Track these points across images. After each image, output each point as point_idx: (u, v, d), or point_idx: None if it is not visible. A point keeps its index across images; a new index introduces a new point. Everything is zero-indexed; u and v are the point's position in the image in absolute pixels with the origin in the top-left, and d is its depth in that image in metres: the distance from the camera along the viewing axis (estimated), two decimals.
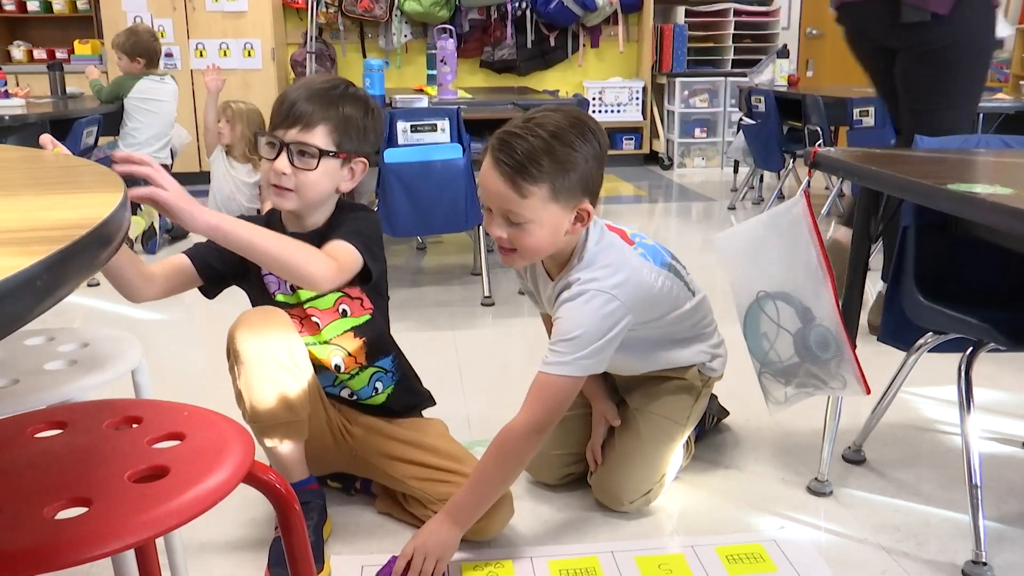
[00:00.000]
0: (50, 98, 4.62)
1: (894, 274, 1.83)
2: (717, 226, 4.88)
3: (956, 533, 1.70)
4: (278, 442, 1.57)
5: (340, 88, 1.59)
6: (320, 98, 1.54)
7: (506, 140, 1.47)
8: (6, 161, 1.23)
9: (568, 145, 1.46)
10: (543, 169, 1.45)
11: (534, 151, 1.44)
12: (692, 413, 1.85)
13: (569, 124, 1.48)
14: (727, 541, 1.69)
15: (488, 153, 1.50)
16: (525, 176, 1.45)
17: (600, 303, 1.54)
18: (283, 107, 1.54)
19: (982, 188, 1.38)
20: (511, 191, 1.47)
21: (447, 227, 3.34)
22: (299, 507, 0.96)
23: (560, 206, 1.50)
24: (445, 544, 1.53)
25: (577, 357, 1.52)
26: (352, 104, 1.58)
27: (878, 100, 4.05)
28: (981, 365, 1.65)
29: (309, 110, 1.53)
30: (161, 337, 3.01)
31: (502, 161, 1.46)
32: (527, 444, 1.55)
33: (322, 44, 6.27)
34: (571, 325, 1.54)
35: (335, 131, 1.55)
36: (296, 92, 1.55)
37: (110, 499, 0.79)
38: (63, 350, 1.36)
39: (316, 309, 1.65)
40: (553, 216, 1.50)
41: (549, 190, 1.47)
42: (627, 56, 6.86)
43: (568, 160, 1.46)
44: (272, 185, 1.55)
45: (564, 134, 1.47)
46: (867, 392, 1.67)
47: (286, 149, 1.53)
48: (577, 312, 1.55)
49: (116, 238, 0.73)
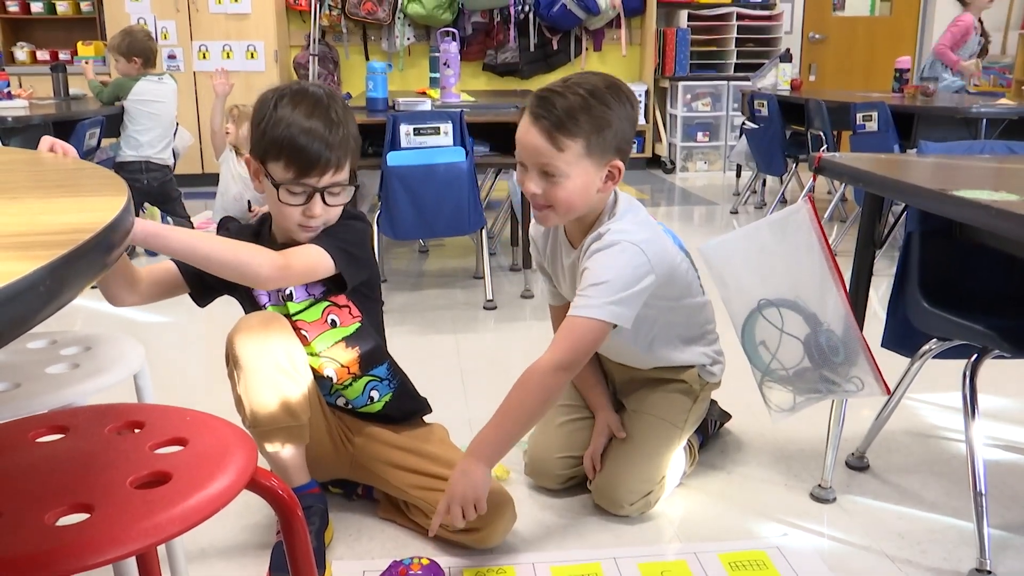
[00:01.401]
0: (53, 99, 4.62)
1: (898, 280, 1.82)
2: (719, 230, 4.87)
3: (960, 541, 1.69)
4: (279, 447, 1.57)
5: (339, 114, 1.53)
6: (341, 141, 1.51)
7: (546, 97, 1.54)
8: (9, 163, 1.22)
9: (604, 104, 1.54)
10: (580, 124, 1.52)
11: (572, 108, 1.52)
12: (690, 417, 1.86)
13: (605, 86, 1.56)
14: (730, 548, 1.68)
15: (527, 110, 1.57)
16: (562, 130, 1.52)
17: (631, 254, 1.59)
18: (309, 158, 1.49)
19: (988, 195, 1.37)
20: (549, 144, 1.53)
21: (449, 230, 3.33)
22: (301, 513, 0.95)
23: (593, 162, 1.56)
24: (475, 484, 1.54)
25: (606, 302, 1.55)
26: (351, 122, 1.57)
27: (881, 105, 4.05)
28: (985, 371, 1.64)
29: (338, 156, 1.51)
30: (164, 339, 3.01)
31: (541, 116, 1.53)
32: (552, 380, 1.55)
33: (325, 46, 6.27)
34: (602, 271, 1.58)
35: (353, 158, 1.57)
36: (314, 141, 1.48)
37: (112, 505, 0.79)
38: (65, 353, 1.36)
39: (304, 322, 1.63)
40: (586, 172, 1.57)
41: (584, 145, 1.54)
42: (630, 60, 6.86)
43: (603, 118, 1.54)
44: (300, 225, 1.55)
45: (601, 94, 1.54)
46: (887, 392, 1.67)
47: (320, 194, 1.52)
48: (610, 259, 1.59)
49: (120, 242, 0.73)
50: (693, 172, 6.76)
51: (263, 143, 1.52)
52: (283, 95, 1.52)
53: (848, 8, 7.27)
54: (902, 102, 4.39)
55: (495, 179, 4.92)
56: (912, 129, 4.10)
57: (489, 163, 3.51)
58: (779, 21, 6.68)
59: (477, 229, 3.31)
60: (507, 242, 4.34)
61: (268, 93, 1.55)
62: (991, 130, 3.86)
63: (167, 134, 4.32)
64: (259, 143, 1.53)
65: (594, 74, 1.60)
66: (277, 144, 1.49)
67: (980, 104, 3.98)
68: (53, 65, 4.83)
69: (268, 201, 1.59)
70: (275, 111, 1.50)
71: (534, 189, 1.58)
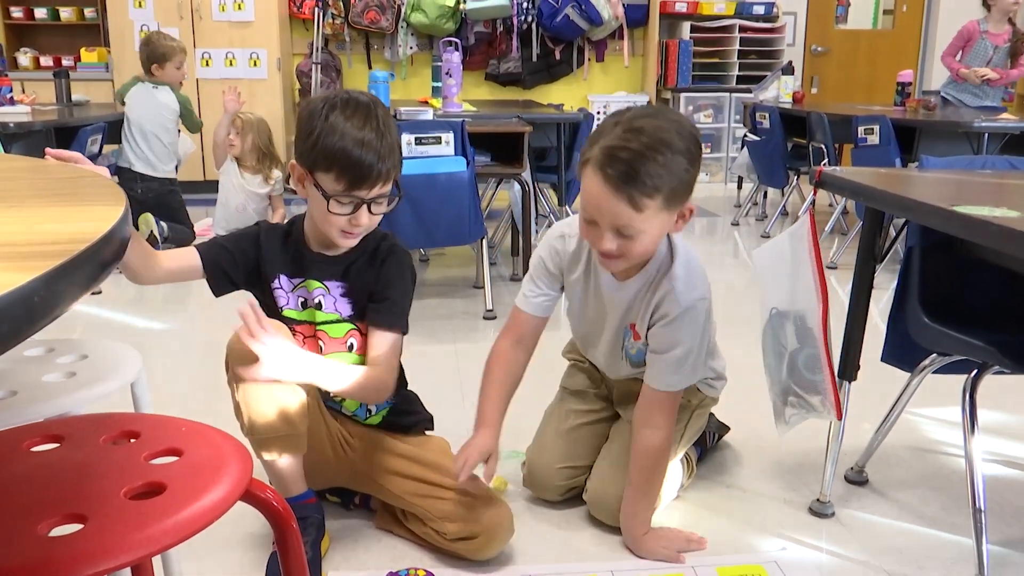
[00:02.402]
0: (55, 105, 4.63)
1: (898, 294, 1.82)
2: (720, 242, 4.87)
3: (959, 557, 1.69)
4: (276, 456, 1.57)
5: (387, 123, 1.51)
6: (389, 150, 1.50)
7: (615, 155, 1.42)
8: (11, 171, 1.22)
9: (676, 152, 1.44)
10: (658, 181, 1.42)
11: (646, 163, 1.41)
12: (686, 432, 1.85)
13: (671, 127, 1.45)
14: (728, 562, 1.67)
15: (596, 166, 1.45)
16: (641, 190, 1.42)
17: (702, 316, 1.63)
18: (362, 171, 1.47)
19: (989, 211, 1.37)
20: (627, 207, 1.44)
21: (450, 240, 3.33)
22: (296, 525, 0.95)
23: (670, 212, 1.50)
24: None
25: (688, 373, 1.66)
26: (395, 130, 1.54)
27: (883, 118, 4.06)
28: (984, 386, 1.64)
29: (388, 168, 1.50)
30: (162, 347, 3.00)
31: (614, 177, 1.42)
32: (668, 446, 1.71)
33: (328, 55, 6.28)
34: (682, 346, 1.63)
35: (397, 168, 1.55)
36: (368, 154, 1.47)
37: (106, 516, 0.78)
38: (62, 362, 1.35)
39: (326, 334, 1.64)
40: (663, 223, 1.51)
41: (663, 200, 1.45)
42: (632, 71, 6.87)
43: (678, 167, 1.44)
44: (343, 231, 1.55)
45: (670, 140, 1.43)
46: (838, 417, 1.72)
47: (366, 204, 1.52)
48: (686, 330, 1.62)
49: (117, 253, 0.73)
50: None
51: (313, 153, 1.48)
52: (334, 105, 1.48)
53: (851, 21, 7.29)
54: (904, 116, 4.40)
55: (496, 189, 4.93)
56: (914, 143, 4.10)
57: (490, 173, 3.51)
58: (782, 33, 6.69)
59: (478, 239, 3.32)
60: (507, 252, 4.34)
61: (318, 102, 1.51)
62: (992, 145, 3.86)
63: (151, 145, 4.25)
64: (308, 153, 1.50)
65: (652, 114, 1.48)
66: (329, 156, 1.47)
67: (982, 119, 3.99)
68: (56, 71, 4.85)
69: (312, 207, 1.58)
70: (326, 121, 1.47)
71: (608, 247, 1.50)
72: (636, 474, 1.69)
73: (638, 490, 1.70)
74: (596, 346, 1.82)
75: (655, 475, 1.71)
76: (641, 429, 1.68)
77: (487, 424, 1.69)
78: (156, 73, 4.24)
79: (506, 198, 4.56)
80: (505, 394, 1.74)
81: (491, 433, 1.67)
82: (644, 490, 1.70)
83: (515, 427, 1.80)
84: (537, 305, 1.75)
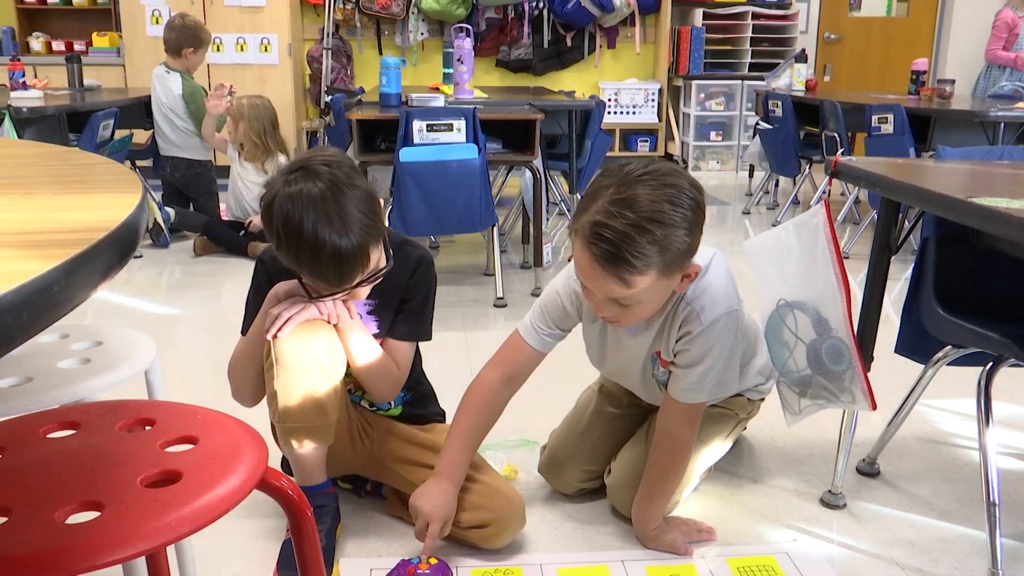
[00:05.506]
0: (67, 90, 4.64)
1: (913, 285, 1.81)
2: (731, 231, 4.85)
3: (972, 550, 1.68)
4: (303, 445, 1.56)
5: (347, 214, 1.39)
6: (357, 250, 1.41)
7: (600, 233, 1.33)
8: (26, 157, 1.22)
9: (669, 226, 1.33)
10: (647, 259, 1.34)
11: (632, 244, 1.32)
12: (725, 440, 1.86)
13: (662, 196, 1.34)
14: (739, 553, 1.67)
15: (582, 242, 1.38)
16: (629, 268, 1.34)
17: (729, 324, 1.55)
18: (329, 281, 1.45)
19: (1007, 202, 1.36)
20: (616, 284, 1.37)
21: (461, 227, 3.32)
22: (311, 514, 0.95)
23: (670, 279, 1.42)
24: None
25: (710, 388, 1.60)
26: (360, 218, 1.41)
27: (897, 107, 4.02)
28: (999, 378, 1.63)
29: (358, 263, 1.44)
30: (176, 333, 3.01)
31: (599, 256, 1.35)
32: (691, 446, 1.69)
33: (339, 40, 6.27)
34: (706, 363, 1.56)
35: (375, 245, 1.47)
36: (332, 268, 1.41)
37: (122, 504, 0.78)
38: (76, 348, 1.36)
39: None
40: (663, 288, 1.44)
41: (656, 272, 1.37)
42: (643, 58, 6.84)
43: (670, 240, 1.34)
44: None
45: (662, 214, 1.33)
46: (873, 408, 1.66)
47: (356, 285, 1.49)
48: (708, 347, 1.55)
49: (134, 240, 0.73)
50: (706, 172, 6.73)
51: (282, 256, 1.45)
52: (288, 216, 1.37)
53: (864, 8, 7.23)
54: (918, 104, 4.36)
55: (507, 176, 4.91)
56: (928, 132, 4.07)
57: (501, 160, 3.50)
58: (794, 21, 6.64)
59: (488, 226, 3.31)
60: (518, 240, 4.33)
61: (270, 204, 1.41)
62: (1009, 134, 3.83)
63: (172, 127, 4.33)
64: (279, 253, 1.46)
65: (643, 179, 1.35)
66: (296, 265, 1.45)
67: (998, 108, 3.95)
68: (68, 56, 4.85)
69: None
70: (284, 227, 1.38)
71: (606, 314, 1.46)
72: (652, 472, 1.67)
73: (652, 488, 1.68)
74: (623, 379, 1.81)
75: (671, 477, 1.68)
76: (662, 432, 1.65)
77: (449, 476, 1.60)
78: (186, 56, 4.29)
79: (517, 185, 4.55)
80: (475, 442, 1.66)
81: (452, 489, 1.59)
82: (658, 489, 1.68)
83: (532, 417, 1.79)
84: (543, 342, 1.67)
